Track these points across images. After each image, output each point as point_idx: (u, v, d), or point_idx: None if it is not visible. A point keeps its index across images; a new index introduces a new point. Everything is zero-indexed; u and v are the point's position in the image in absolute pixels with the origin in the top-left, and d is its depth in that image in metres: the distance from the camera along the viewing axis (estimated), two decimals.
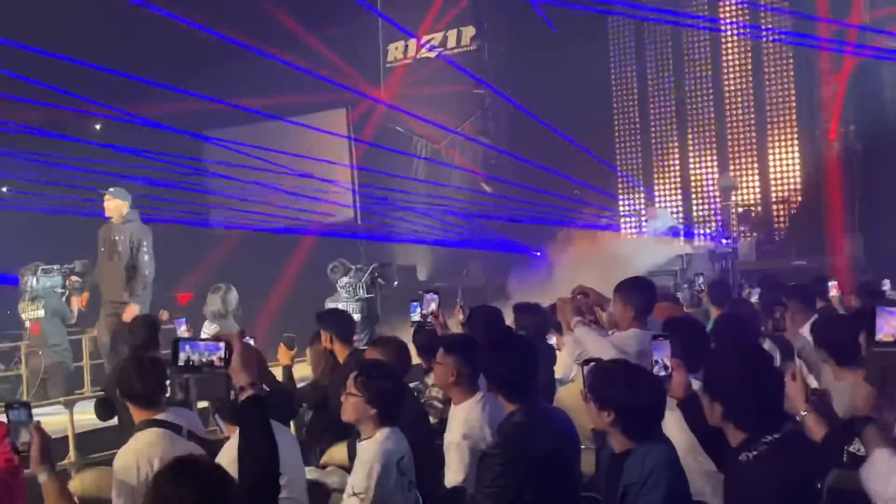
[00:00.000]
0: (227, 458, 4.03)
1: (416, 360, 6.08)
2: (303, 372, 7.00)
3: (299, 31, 17.41)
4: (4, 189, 17.48)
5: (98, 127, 18.48)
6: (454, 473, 4.40)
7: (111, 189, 9.34)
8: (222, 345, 3.09)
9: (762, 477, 3.08)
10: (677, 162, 17.50)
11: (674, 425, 3.94)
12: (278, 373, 6.10)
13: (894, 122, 15.38)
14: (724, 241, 15.50)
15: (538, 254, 16.41)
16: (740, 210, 16.24)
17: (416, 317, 6.84)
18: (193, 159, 17.52)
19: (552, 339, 6.81)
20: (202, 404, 5.13)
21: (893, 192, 14.89)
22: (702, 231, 16.70)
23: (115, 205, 9.19)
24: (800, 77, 16.18)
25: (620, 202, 17.96)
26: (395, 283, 11.93)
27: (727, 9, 16.74)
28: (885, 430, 2.99)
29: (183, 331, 7.42)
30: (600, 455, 4.25)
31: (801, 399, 3.37)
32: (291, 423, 5.94)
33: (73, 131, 15.20)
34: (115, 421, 6.09)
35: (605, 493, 3.68)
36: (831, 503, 3.46)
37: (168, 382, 4.36)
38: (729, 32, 16.75)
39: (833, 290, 8.05)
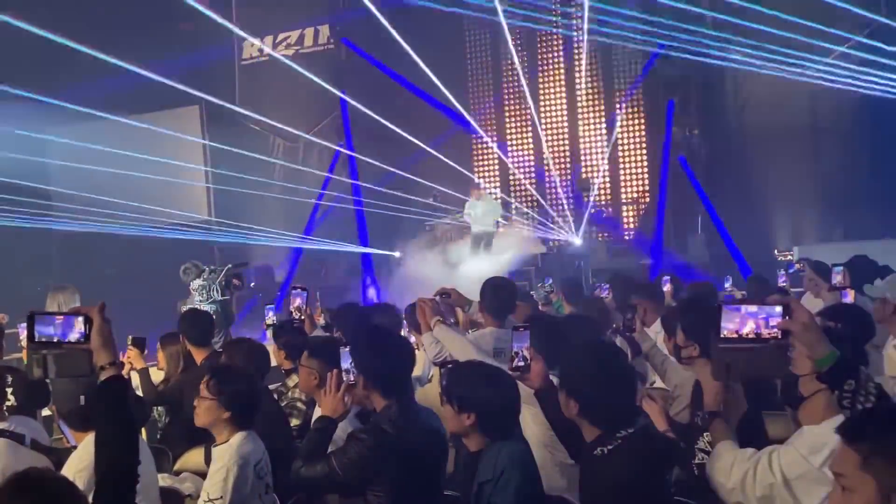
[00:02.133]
0: (75, 467, 3.87)
1: (275, 361, 5.96)
2: (153, 376, 6.77)
3: (150, 24, 16.87)
4: None
5: None
6: None
7: None
8: (81, 319, 2.83)
9: (616, 471, 3.15)
10: (532, 164, 17.80)
11: (531, 419, 4.00)
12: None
13: (735, 127, 16.16)
14: (576, 241, 15.92)
15: (396, 255, 16.42)
16: (592, 211, 16.69)
17: (270, 320, 6.76)
18: (36, 159, 16.66)
19: (412, 339, 6.82)
20: (45, 412, 4.90)
21: (735, 195, 15.63)
22: (556, 232, 17.07)
23: None
24: (647, 82, 16.72)
25: None
26: (252, 284, 11.74)
27: (579, 17, 17.11)
28: (729, 423, 3.11)
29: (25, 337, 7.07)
30: (459, 453, 4.28)
31: (661, 421, 3.61)
32: (143, 429, 5.76)
33: None
34: None
35: (461, 490, 3.70)
36: (680, 495, 3.59)
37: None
38: (583, 38, 17.13)
39: (666, 285, 8.36)
